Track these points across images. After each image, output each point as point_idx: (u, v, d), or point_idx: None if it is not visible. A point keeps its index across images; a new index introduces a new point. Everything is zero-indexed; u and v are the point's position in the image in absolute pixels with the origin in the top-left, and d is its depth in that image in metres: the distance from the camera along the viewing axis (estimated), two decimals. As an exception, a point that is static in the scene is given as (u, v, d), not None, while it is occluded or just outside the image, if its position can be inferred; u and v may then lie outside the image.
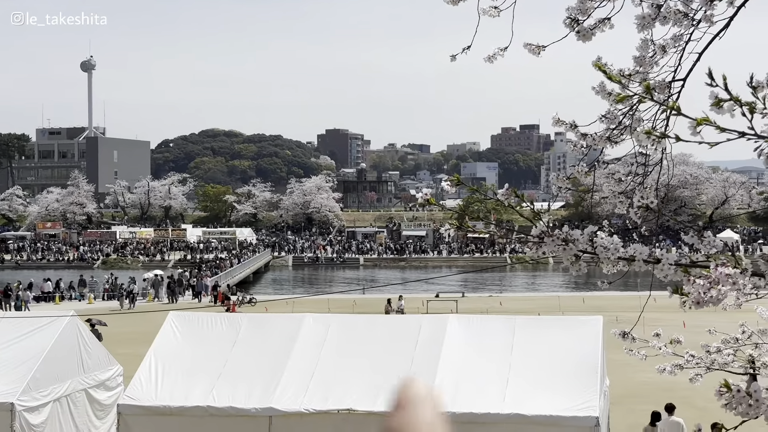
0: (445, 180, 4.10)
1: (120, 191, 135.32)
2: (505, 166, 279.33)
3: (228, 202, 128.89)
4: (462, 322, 17.45)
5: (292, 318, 18.54)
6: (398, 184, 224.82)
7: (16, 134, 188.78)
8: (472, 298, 53.00)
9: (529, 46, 4.91)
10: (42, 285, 56.68)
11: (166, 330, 17.80)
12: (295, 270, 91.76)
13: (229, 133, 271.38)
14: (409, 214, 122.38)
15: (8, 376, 16.52)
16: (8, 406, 15.71)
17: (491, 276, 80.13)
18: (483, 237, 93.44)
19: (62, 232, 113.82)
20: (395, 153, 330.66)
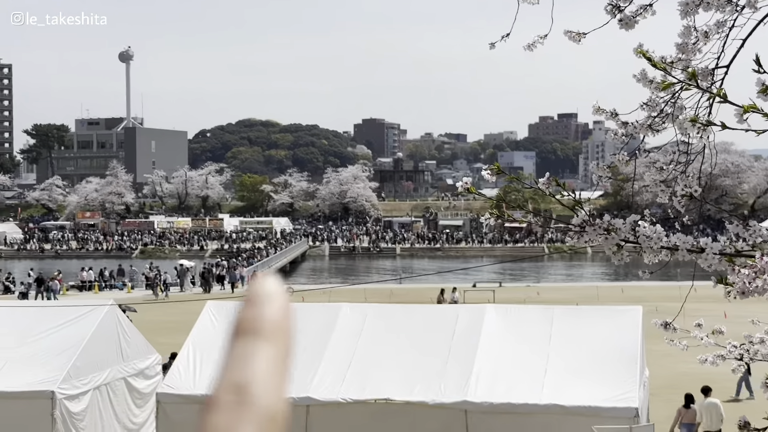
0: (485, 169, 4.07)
1: (158, 181, 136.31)
2: (542, 155, 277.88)
3: (265, 192, 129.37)
4: (499, 312, 17.39)
5: (329, 307, 18.58)
6: (435, 173, 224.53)
7: (56, 125, 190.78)
8: (509, 288, 52.81)
9: (570, 34, 4.84)
10: (82, 274, 57.22)
11: (203, 319, 17.91)
12: (331, 259, 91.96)
13: (265, 123, 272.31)
14: (446, 203, 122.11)
15: (49, 364, 16.70)
16: (49, 394, 15.88)
17: (529, 266, 79.77)
18: (520, 226, 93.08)
19: (101, 221, 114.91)
20: (432, 142, 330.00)
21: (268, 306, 1.01)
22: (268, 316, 1.01)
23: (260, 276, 1.04)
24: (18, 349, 17.08)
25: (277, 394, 0.97)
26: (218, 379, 0.99)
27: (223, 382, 0.99)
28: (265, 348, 0.99)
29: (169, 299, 46.96)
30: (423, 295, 42.68)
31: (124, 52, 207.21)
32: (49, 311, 18.70)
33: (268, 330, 1.00)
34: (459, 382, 15.26)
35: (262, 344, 1.00)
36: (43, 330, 17.55)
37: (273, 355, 0.99)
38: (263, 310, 1.01)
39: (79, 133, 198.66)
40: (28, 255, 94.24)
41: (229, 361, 1.00)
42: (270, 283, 1.03)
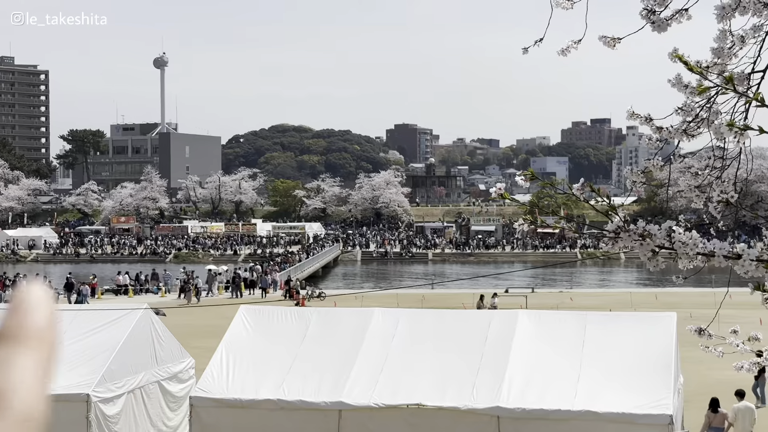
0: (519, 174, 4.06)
1: (191, 186, 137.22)
2: (575, 160, 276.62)
3: (297, 197, 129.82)
4: (532, 318, 17.33)
5: (361, 312, 18.59)
6: (467, 179, 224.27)
7: (92, 130, 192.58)
8: (542, 294, 52.57)
9: (604, 39, 4.83)
10: (118, 278, 57.66)
11: (237, 323, 17.99)
12: (363, 265, 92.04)
13: (298, 129, 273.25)
14: (478, 209, 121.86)
15: (84, 367, 16.84)
16: (84, 397, 16.02)
17: (561, 271, 79.38)
18: (553, 232, 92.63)
19: (135, 226, 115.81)
20: (464, 148, 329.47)
21: (33, 313, 1.00)
22: (32, 323, 1.00)
23: (26, 283, 1.02)
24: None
25: (35, 400, 1.00)
26: None
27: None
28: (27, 354, 0.99)
29: (201, 304, 47.19)
30: (455, 301, 42.61)
31: (158, 58, 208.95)
32: (84, 315, 18.85)
33: (30, 337, 1.00)
34: (491, 387, 15.22)
35: (24, 351, 0.99)
36: (79, 333, 17.70)
37: (34, 361, 0.99)
38: (27, 317, 1.00)
39: (115, 139, 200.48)
40: (64, 259, 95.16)
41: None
42: (35, 291, 1.01)
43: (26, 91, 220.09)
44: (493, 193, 4.00)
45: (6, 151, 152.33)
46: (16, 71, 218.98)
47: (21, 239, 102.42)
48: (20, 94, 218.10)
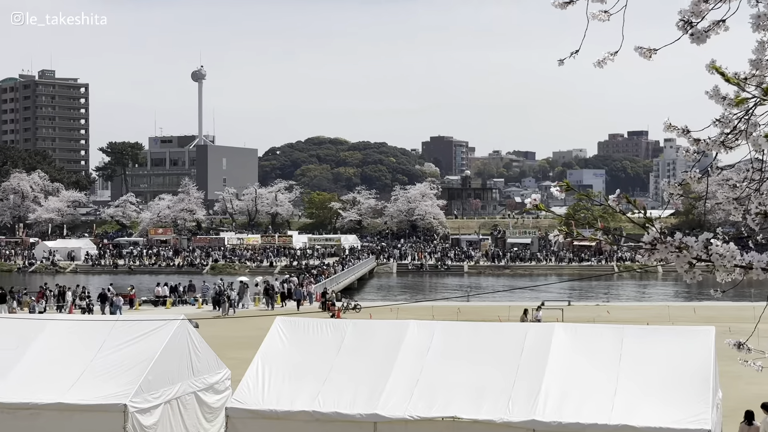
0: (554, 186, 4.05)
1: (228, 198, 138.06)
2: (612, 173, 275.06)
3: (333, 209, 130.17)
4: (568, 331, 17.23)
5: (396, 324, 18.59)
6: (503, 191, 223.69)
7: (130, 143, 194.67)
8: (578, 307, 52.23)
9: (640, 50, 4.81)
10: (157, 289, 57.99)
11: (272, 335, 18.05)
12: (399, 277, 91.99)
13: (334, 141, 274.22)
14: (514, 221, 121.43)
15: (121, 378, 16.98)
16: (121, 408, 16.14)
17: (598, 284, 78.82)
18: (590, 245, 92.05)
19: (173, 237, 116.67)
20: (500, 160, 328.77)
21: None
22: None
23: None
24: (93, 362, 17.41)
25: None
26: None
27: None
28: None
29: (236, 315, 47.37)
30: (491, 313, 42.46)
31: (196, 72, 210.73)
32: (122, 326, 19.01)
33: None
34: (527, 401, 15.15)
35: None
36: (116, 344, 17.86)
37: None
38: None
39: (153, 151, 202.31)
40: (102, 270, 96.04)
41: None
42: None
43: (66, 104, 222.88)
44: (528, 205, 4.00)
45: (46, 163, 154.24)
46: (56, 84, 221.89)
47: (60, 250, 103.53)
48: (60, 107, 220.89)
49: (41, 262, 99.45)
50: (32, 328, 19.02)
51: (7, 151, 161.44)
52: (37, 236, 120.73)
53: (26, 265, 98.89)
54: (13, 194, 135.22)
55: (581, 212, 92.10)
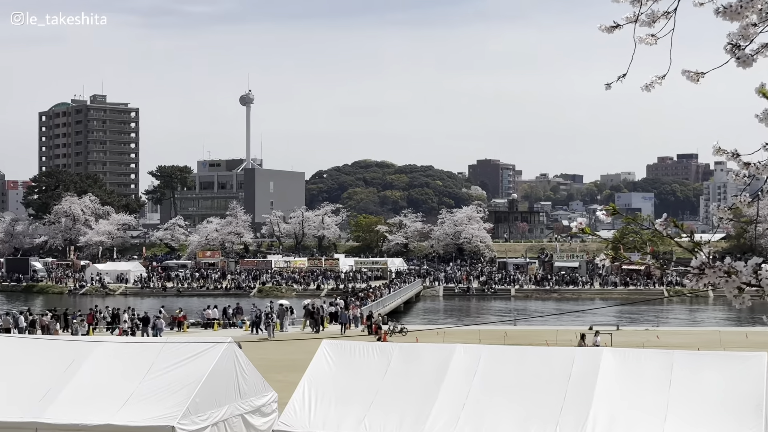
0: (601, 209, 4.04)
1: (275, 221, 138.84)
2: (661, 196, 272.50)
3: (380, 232, 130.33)
4: (617, 356, 17.05)
5: (442, 348, 18.53)
6: (550, 214, 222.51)
7: (179, 166, 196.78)
8: (627, 332, 51.63)
9: (687, 73, 4.79)
10: (207, 312, 58.31)
11: (319, 358, 18.09)
12: (445, 300, 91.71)
13: (381, 164, 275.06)
14: (562, 244, 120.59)
15: (169, 400, 17.10)
16: (169, 430, 16.25)
17: (647, 309, 77.89)
18: (638, 269, 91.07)
19: (221, 260, 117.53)
20: (547, 183, 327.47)
21: None
22: None
23: None
24: (141, 384, 17.56)
25: None
26: None
27: None
28: None
29: (275, 338, 47.45)
30: (538, 337, 42.15)
31: (244, 96, 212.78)
32: (170, 348, 19.17)
33: None
34: (575, 426, 15.00)
35: None
36: (165, 366, 18.00)
37: None
38: None
39: (201, 175, 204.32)
40: (151, 293, 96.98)
41: None
42: None
43: (117, 128, 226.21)
44: (574, 229, 3.98)
45: (97, 186, 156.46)
46: (107, 109, 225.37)
47: (110, 273, 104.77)
48: (111, 131, 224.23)
49: (91, 285, 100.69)
50: (82, 350, 19.25)
51: (59, 174, 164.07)
52: (87, 259, 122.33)
53: (77, 288, 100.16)
54: (64, 217, 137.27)
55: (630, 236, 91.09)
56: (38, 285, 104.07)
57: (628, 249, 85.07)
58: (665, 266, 4.22)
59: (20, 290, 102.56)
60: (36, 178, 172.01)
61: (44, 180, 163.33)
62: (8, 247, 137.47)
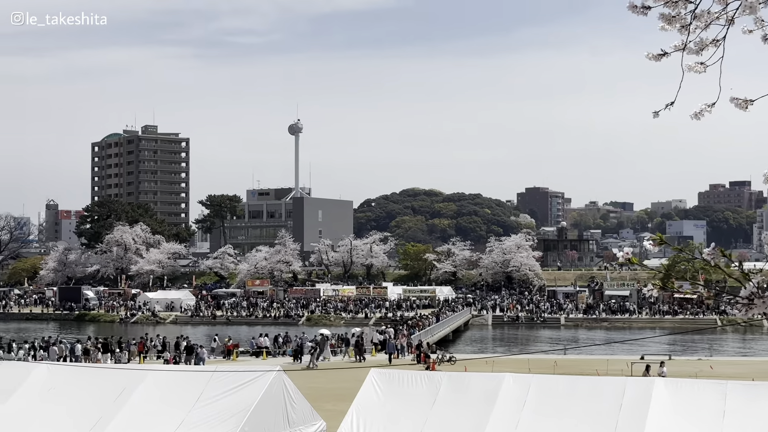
0: (648, 239, 4.02)
1: (324, 250, 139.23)
2: (713, 224, 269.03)
3: (428, 261, 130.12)
4: (669, 386, 16.82)
5: (491, 377, 18.41)
6: (600, 242, 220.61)
7: (229, 195, 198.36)
8: (679, 361, 50.88)
9: (736, 101, 4.76)
10: (259, 340, 58.35)
11: (367, 387, 18.07)
12: (494, 329, 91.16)
13: (429, 192, 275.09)
14: (612, 273, 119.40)
15: (219, 428, 17.18)
16: (219, 457, 16.31)
17: (700, 338, 76.73)
18: (691, 297, 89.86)
19: (269, 289, 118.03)
20: (597, 211, 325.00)
21: None
22: None
23: None
24: (191, 413, 17.67)
25: None
26: None
27: None
28: None
29: (323, 367, 47.41)
30: (588, 367, 41.68)
31: (293, 125, 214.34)
32: (220, 376, 19.27)
33: None
34: (626, 457, 14.79)
35: None
36: (215, 395, 18.11)
37: None
38: None
39: (250, 203, 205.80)
40: (201, 321, 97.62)
41: None
42: None
43: (168, 158, 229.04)
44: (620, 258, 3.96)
45: (148, 216, 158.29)
46: (158, 139, 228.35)
47: (161, 301, 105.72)
48: (162, 161, 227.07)
49: (142, 313, 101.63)
50: (133, 378, 19.43)
51: (111, 204, 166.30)
52: (138, 287, 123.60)
53: (128, 316, 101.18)
54: (116, 246, 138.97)
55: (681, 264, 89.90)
56: (90, 313, 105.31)
57: (680, 278, 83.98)
58: (717, 296, 4.18)
59: (72, 318, 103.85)
60: (88, 207, 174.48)
61: (96, 209, 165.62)
62: (61, 276, 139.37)
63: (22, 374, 19.93)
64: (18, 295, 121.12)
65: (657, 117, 5.29)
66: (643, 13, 4.89)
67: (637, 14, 4.90)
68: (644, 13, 4.89)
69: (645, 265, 15.62)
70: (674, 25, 4.92)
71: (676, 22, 4.91)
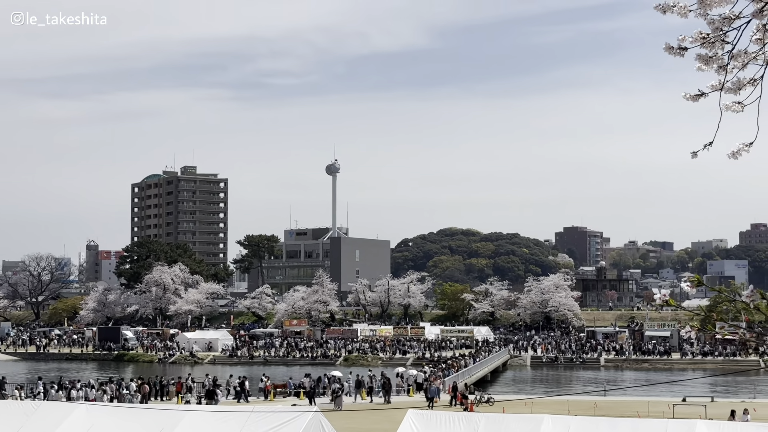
0: (685, 280, 3.99)
1: (361, 289, 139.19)
2: (755, 263, 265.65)
3: (465, 301, 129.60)
4: (712, 428, 16.58)
5: (530, 419, 18.25)
6: (639, 282, 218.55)
7: (266, 235, 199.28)
8: (722, 403, 50.07)
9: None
10: (303, 380, 57.80)
11: (405, 428, 17.98)
12: (533, 369, 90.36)
13: (466, 232, 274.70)
14: (652, 313, 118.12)
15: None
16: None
17: (744, 380, 75.47)
18: (733, 338, 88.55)
19: (307, 329, 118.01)
20: (636, 250, 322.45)
21: None
22: None
23: None
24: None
25: None
26: None
27: None
28: None
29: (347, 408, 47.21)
30: (629, 409, 41.17)
31: (330, 165, 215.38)
32: (258, 417, 19.27)
33: None
34: (669, 502, 14.55)
35: None
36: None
37: None
38: None
39: (288, 243, 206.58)
40: (239, 361, 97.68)
41: None
42: None
43: (207, 198, 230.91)
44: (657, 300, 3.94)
45: (187, 256, 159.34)
46: (197, 180, 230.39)
47: (199, 341, 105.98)
48: (201, 201, 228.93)
49: (180, 353, 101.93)
50: (172, 419, 19.48)
51: (150, 244, 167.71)
52: (177, 327, 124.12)
53: (166, 356, 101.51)
54: (155, 286, 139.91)
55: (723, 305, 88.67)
56: (129, 353, 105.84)
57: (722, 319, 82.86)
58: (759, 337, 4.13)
59: (111, 359, 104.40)
60: (128, 248, 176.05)
61: (136, 250, 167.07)
62: (101, 316, 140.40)
63: (62, 414, 20.06)
64: (58, 335, 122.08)
65: (695, 157, 5.27)
66: (680, 54, 4.90)
67: (674, 55, 4.91)
68: (681, 54, 4.90)
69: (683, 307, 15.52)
70: (711, 66, 4.92)
71: (713, 63, 4.91)
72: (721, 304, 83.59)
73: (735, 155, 5.03)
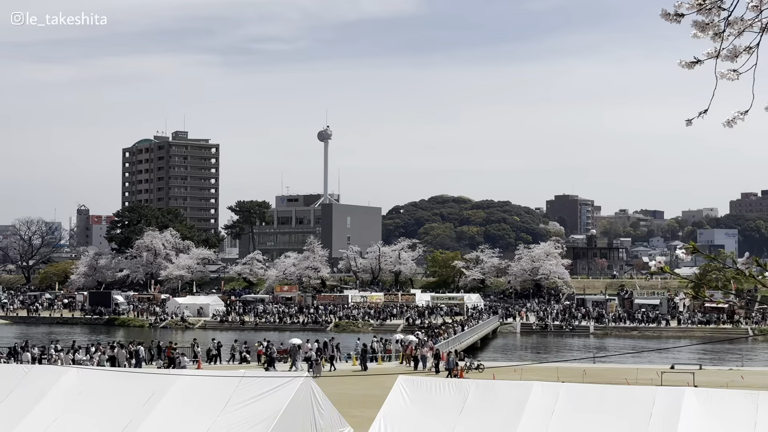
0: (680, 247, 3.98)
1: (352, 256, 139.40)
2: (745, 233, 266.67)
3: (456, 268, 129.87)
4: (700, 396, 16.67)
5: (520, 385, 18.34)
6: (630, 251, 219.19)
7: (258, 201, 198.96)
8: (710, 371, 50.46)
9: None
10: (305, 346, 57.50)
11: (395, 394, 18.05)
12: (523, 336, 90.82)
13: (457, 200, 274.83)
14: (642, 281, 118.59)
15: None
16: (246, 463, 16.34)
17: (732, 348, 76.01)
18: (722, 306, 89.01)
19: (298, 295, 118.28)
20: (627, 219, 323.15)
21: None
22: None
23: None
24: (219, 418, 17.73)
25: None
26: None
27: None
28: None
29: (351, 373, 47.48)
30: (618, 376, 41.44)
31: (322, 132, 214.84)
32: (248, 382, 19.32)
33: None
34: (656, 468, 14.67)
35: None
36: (243, 400, 18.15)
37: None
38: None
39: (279, 210, 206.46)
40: (230, 327, 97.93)
41: None
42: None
43: (198, 164, 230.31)
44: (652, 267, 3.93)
45: (178, 221, 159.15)
46: (189, 145, 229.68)
47: (190, 306, 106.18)
48: (192, 167, 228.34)
49: (171, 318, 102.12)
50: (162, 383, 19.53)
51: (141, 209, 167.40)
52: (168, 292, 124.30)
53: (157, 321, 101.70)
54: (146, 251, 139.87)
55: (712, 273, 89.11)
56: (120, 318, 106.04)
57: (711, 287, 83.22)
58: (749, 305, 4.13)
59: (102, 323, 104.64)
60: (119, 213, 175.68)
61: (127, 215, 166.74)
62: (92, 280, 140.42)
63: (52, 378, 20.10)
64: (48, 299, 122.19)
65: (690, 125, 5.25)
66: (677, 21, 4.86)
67: (671, 22, 4.87)
68: (677, 20, 4.86)
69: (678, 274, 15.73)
70: (707, 33, 4.88)
71: (710, 30, 4.87)
72: (710, 272, 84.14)
73: (730, 123, 5.01)
